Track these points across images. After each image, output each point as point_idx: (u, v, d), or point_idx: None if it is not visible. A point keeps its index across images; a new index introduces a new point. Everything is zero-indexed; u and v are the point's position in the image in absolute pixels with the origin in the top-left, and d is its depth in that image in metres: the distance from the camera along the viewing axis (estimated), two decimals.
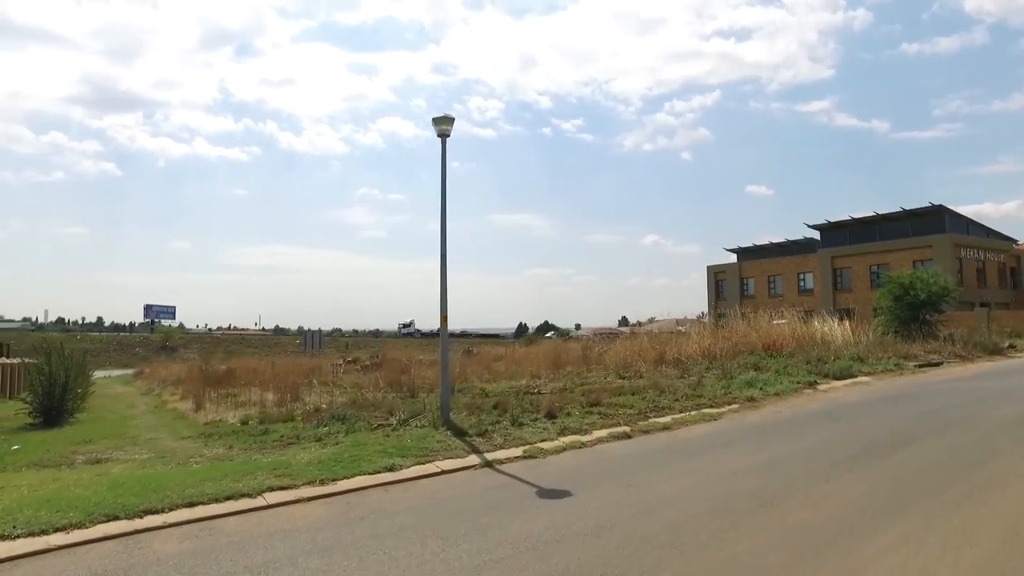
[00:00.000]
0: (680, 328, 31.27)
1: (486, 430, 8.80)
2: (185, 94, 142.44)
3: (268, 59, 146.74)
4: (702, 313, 40.03)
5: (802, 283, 48.08)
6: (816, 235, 48.83)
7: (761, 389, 12.69)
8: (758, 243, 52.21)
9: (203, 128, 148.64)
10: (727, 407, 11.19)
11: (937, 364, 18.32)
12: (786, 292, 46.94)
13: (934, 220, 42.04)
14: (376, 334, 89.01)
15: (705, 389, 12.66)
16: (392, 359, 32.87)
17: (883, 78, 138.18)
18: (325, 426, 9.64)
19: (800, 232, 54.38)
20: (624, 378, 17.12)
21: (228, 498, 5.77)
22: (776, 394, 12.48)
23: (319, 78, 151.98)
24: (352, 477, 6.62)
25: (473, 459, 7.56)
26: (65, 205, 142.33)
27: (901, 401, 11.58)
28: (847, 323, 22.72)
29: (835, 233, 47.10)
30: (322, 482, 6.41)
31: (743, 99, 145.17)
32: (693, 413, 10.55)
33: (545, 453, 7.95)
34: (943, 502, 5.41)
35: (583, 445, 8.41)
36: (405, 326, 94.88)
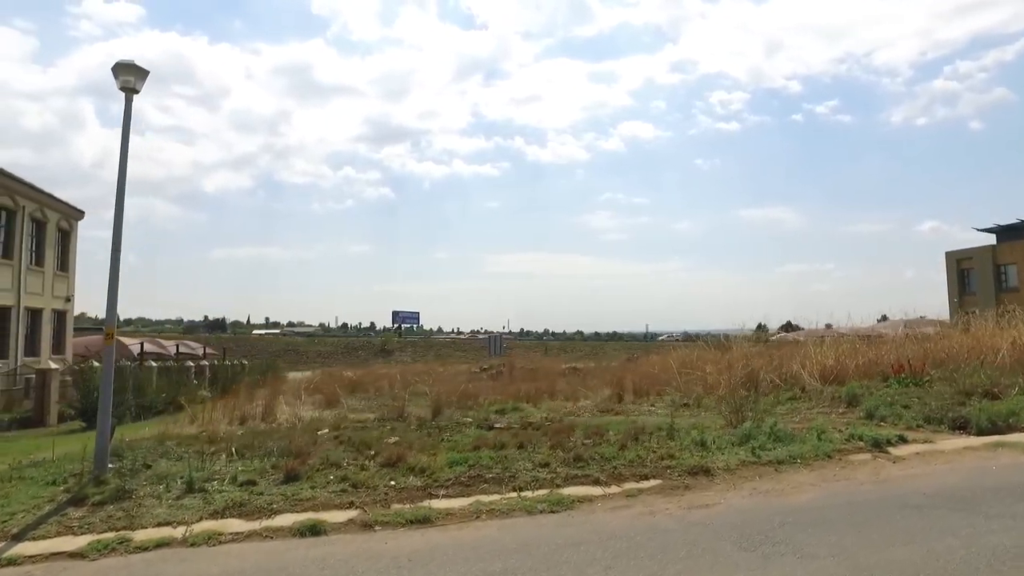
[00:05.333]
0: (928, 330, 23.22)
1: (130, 494, 6.08)
2: (444, 121, 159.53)
3: (514, 80, 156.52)
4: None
5: None
6: None
7: (755, 453, 7.30)
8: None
9: (460, 149, 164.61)
10: (623, 486, 6.46)
11: None
12: None
13: None
14: (582, 337, 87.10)
15: (657, 446, 7.78)
16: (519, 368, 30.78)
17: None
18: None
19: None
20: (685, 405, 12.47)
21: None
22: (774, 463, 7.04)
23: (561, 91, 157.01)
24: None
25: None
26: (354, 227, 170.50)
27: (1010, 508, 5.42)
28: None
29: None
30: None
31: None
32: (535, 494, 6.20)
33: (91, 556, 4.98)
34: None
35: (204, 542, 5.17)
36: None
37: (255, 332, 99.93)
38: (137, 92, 6.85)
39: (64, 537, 5.28)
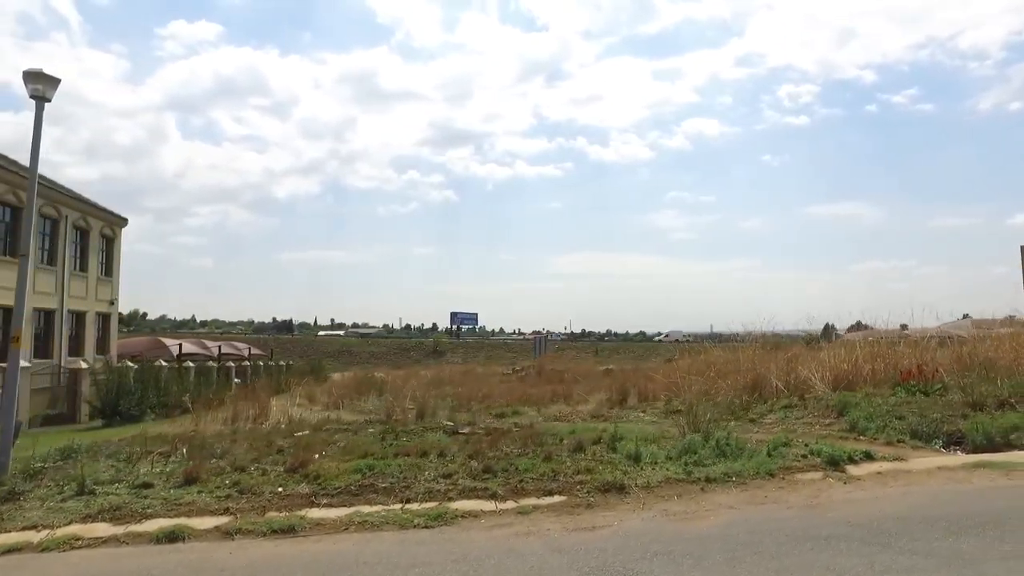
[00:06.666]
0: (1004, 331, 21.22)
1: (20, 496, 6.10)
2: (506, 124, 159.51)
3: (576, 80, 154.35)
4: None
5: None
6: None
7: (687, 469, 6.58)
8: None
9: (522, 151, 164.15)
10: (520, 502, 5.93)
11: None
12: None
13: None
14: (643, 337, 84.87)
15: (592, 457, 7.20)
16: (550, 370, 30.18)
17: None
18: None
19: None
20: (678, 411, 11.74)
21: None
22: (703, 481, 6.31)
23: (624, 90, 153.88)
24: None
25: None
26: (419, 230, 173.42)
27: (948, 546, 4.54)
28: None
29: None
30: None
31: None
32: (421, 507, 5.81)
33: None
34: None
35: (57, 547, 5.08)
36: None
37: (320, 333, 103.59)
38: (48, 100, 6.92)
39: None
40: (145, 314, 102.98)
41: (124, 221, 25.85)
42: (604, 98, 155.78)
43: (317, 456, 8.06)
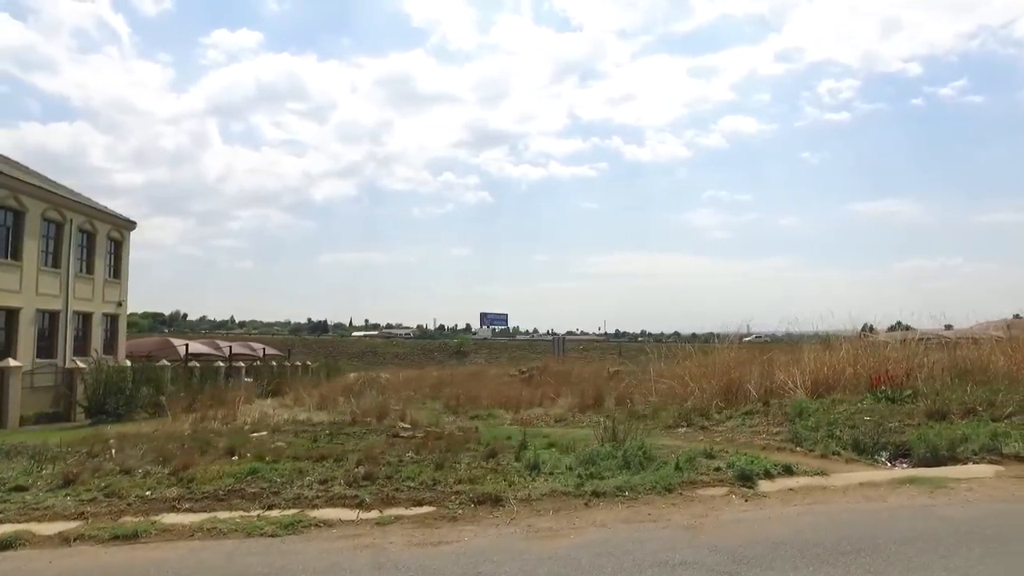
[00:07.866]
0: None
1: None
2: (540, 124, 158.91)
3: (611, 80, 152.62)
4: None
5: None
6: None
7: (578, 481, 6.10)
8: None
9: (556, 152, 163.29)
10: (385, 511, 5.55)
11: None
12: None
13: None
14: (678, 338, 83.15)
15: (493, 465, 6.77)
16: (554, 371, 29.63)
17: None
18: None
19: None
20: (641, 417, 11.21)
21: None
22: (590, 495, 5.78)
23: (660, 89, 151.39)
24: None
25: None
26: (454, 231, 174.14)
27: None
28: None
29: None
30: None
31: None
32: (280, 514, 5.47)
33: None
34: None
35: None
36: None
37: (355, 334, 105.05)
38: None
39: None
40: (186, 315, 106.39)
41: (132, 224, 26.53)
42: (639, 97, 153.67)
43: (236, 457, 7.96)
